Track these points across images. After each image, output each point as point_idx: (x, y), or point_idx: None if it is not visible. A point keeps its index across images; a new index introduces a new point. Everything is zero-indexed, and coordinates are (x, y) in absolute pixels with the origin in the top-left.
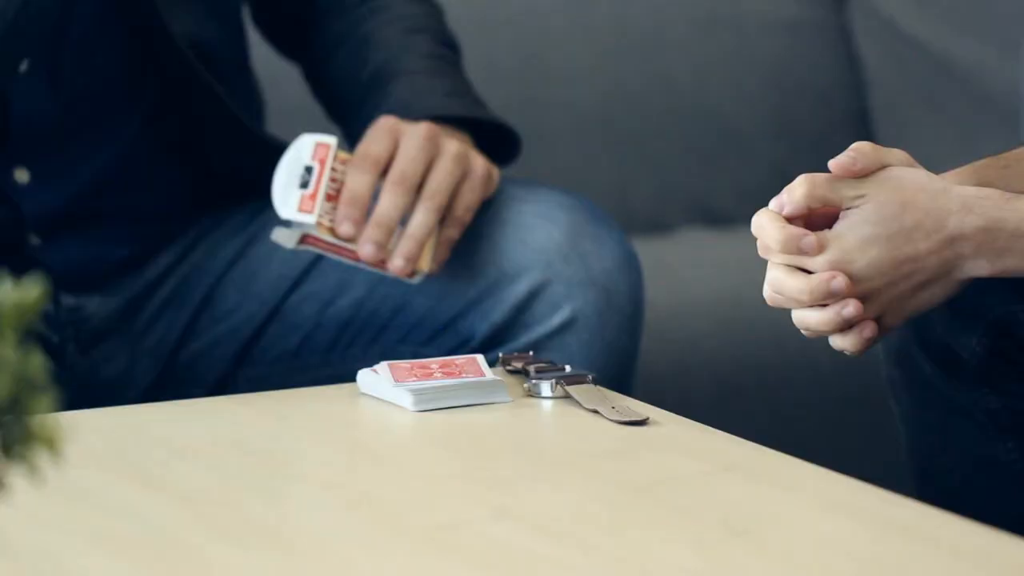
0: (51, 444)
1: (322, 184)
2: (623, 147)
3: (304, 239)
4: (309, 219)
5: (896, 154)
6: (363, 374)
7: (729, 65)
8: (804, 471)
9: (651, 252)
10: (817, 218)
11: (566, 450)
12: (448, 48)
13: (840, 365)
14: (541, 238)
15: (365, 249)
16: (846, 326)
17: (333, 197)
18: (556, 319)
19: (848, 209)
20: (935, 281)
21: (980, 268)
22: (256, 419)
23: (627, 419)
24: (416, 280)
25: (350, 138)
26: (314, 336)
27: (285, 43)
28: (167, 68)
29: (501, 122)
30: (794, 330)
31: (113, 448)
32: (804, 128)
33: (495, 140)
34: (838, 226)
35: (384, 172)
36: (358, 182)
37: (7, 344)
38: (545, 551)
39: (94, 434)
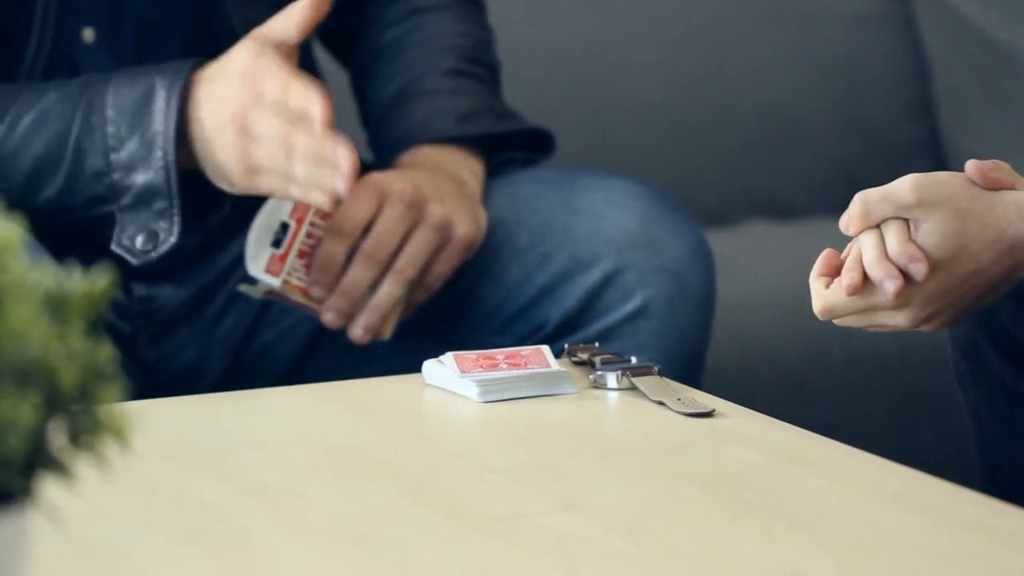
0: (119, 434)
1: (295, 245)
2: (686, 139)
3: (269, 292)
4: (274, 281)
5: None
6: (429, 365)
7: (793, 57)
8: (869, 464)
9: (714, 245)
10: None
11: (631, 442)
12: (479, 66)
13: (906, 358)
14: (613, 226)
15: (327, 316)
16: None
17: (306, 253)
18: (628, 307)
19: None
20: (998, 286)
21: None
22: (322, 410)
23: (693, 411)
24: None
25: (374, 152)
26: None
27: (338, 50)
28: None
29: (526, 128)
30: None
31: (181, 438)
32: (868, 120)
33: (531, 139)
34: None
35: (366, 231)
36: (333, 248)
37: (76, 334)
38: (609, 543)
39: (162, 424)
